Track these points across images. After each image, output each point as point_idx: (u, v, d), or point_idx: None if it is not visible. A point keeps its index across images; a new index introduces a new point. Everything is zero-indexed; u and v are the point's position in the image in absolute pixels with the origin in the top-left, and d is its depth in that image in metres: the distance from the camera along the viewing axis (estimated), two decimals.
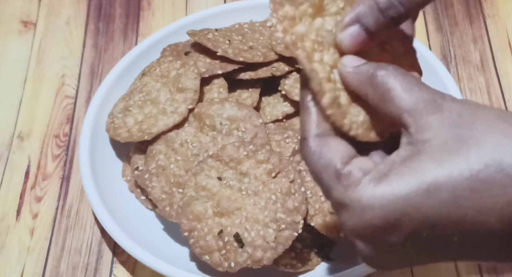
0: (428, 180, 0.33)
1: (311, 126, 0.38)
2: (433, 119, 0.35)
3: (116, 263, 0.65)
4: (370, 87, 0.37)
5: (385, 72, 0.37)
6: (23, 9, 0.85)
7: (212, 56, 0.68)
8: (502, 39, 0.79)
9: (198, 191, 0.60)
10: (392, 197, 0.34)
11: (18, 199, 0.70)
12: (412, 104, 0.36)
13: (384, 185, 0.34)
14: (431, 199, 0.33)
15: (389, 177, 0.34)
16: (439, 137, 0.34)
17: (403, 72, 0.37)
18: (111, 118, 0.68)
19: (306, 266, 0.61)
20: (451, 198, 0.33)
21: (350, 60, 0.39)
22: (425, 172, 0.34)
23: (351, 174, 0.36)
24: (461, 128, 0.34)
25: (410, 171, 0.34)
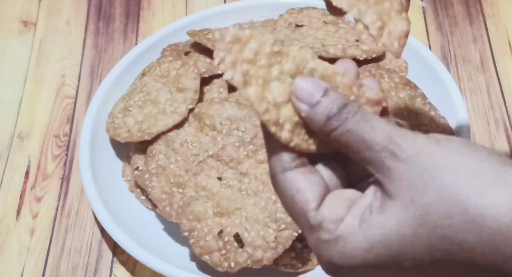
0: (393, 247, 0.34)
1: (278, 160, 0.37)
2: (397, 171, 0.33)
3: (116, 263, 0.65)
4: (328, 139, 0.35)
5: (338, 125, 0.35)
6: (23, 9, 0.85)
7: (212, 56, 0.68)
8: (502, 39, 0.79)
9: (198, 191, 0.60)
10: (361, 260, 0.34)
11: (18, 199, 0.70)
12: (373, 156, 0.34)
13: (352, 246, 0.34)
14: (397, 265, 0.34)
15: (358, 236, 0.34)
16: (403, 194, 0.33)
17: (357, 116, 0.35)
18: (111, 118, 0.68)
19: (306, 266, 0.61)
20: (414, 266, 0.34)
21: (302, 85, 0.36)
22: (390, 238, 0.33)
23: (321, 227, 0.35)
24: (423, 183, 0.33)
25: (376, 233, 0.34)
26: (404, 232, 0.33)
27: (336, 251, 0.35)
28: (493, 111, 0.73)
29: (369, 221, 0.34)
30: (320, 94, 0.35)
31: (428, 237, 0.33)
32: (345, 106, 0.35)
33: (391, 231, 0.33)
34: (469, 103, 0.74)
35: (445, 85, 0.68)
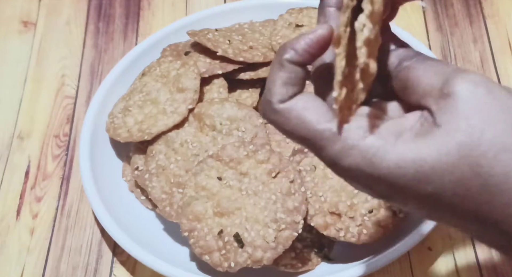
0: (423, 169, 0.34)
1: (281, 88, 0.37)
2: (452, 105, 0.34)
3: (116, 263, 0.65)
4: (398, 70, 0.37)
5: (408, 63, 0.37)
6: (23, 9, 0.85)
7: (212, 56, 0.68)
8: (502, 39, 0.79)
9: (198, 191, 0.60)
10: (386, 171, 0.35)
11: (18, 199, 0.70)
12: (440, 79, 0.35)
13: (382, 157, 0.35)
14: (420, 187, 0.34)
15: (390, 150, 0.34)
16: (453, 124, 0.34)
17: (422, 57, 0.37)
18: (111, 118, 0.68)
19: (306, 266, 0.61)
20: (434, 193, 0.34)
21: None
22: (424, 160, 0.34)
23: (350, 133, 0.35)
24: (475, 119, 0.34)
25: (411, 153, 0.34)
26: (440, 159, 0.34)
27: (364, 158, 0.35)
28: None
29: (408, 140, 0.35)
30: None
31: (463, 170, 0.33)
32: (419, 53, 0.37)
33: (427, 154, 0.34)
34: None
35: None
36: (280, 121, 0.37)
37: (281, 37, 0.69)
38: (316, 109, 0.36)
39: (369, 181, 0.35)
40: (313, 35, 0.37)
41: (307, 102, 0.37)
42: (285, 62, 0.37)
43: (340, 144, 0.35)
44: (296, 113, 0.36)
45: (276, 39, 0.69)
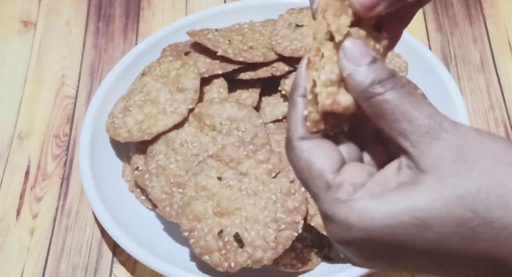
0: (418, 216, 0.33)
1: (298, 126, 0.37)
2: (435, 148, 0.34)
3: (116, 263, 0.65)
4: (365, 103, 0.35)
5: (382, 91, 0.34)
6: (23, 9, 0.85)
7: (212, 56, 0.68)
8: (502, 39, 0.79)
9: (198, 191, 0.60)
10: (379, 224, 0.34)
11: (18, 199, 0.70)
12: (412, 129, 0.34)
13: (372, 210, 0.34)
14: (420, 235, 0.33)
15: (380, 202, 0.34)
16: (438, 169, 0.33)
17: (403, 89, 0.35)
18: (111, 118, 0.68)
19: (306, 266, 0.61)
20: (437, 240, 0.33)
21: (352, 47, 0.35)
22: (417, 207, 0.33)
23: (341, 187, 0.35)
24: (460, 163, 0.33)
25: (402, 201, 0.33)
26: (434, 205, 0.33)
27: (354, 212, 0.34)
28: (493, 111, 0.73)
29: (396, 190, 0.34)
30: (369, 59, 0.35)
31: (461, 211, 0.33)
32: (392, 76, 0.35)
33: (420, 202, 0.33)
34: (469, 103, 0.74)
35: (445, 85, 0.68)
36: (293, 160, 0.37)
37: (281, 37, 0.69)
38: (325, 159, 0.36)
39: (360, 240, 0.34)
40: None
41: (320, 149, 0.36)
42: (298, 99, 0.37)
43: (332, 197, 0.35)
44: (307, 156, 0.36)
45: (276, 39, 0.69)
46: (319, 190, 0.35)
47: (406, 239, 0.34)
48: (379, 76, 0.35)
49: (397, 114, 0.34)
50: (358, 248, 0.35)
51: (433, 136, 0.34)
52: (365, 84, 0.35)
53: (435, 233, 0.33)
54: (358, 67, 0.35)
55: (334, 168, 0.36)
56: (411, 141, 0.34)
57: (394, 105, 0.34)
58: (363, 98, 0.35)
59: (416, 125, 0.34)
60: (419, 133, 0.34)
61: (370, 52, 0.35)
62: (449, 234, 0.33)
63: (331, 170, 0.35)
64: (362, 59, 0.35)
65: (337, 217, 0.34)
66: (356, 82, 0.35)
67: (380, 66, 0.35)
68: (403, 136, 0.34)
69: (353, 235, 0.34)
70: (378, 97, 0.35)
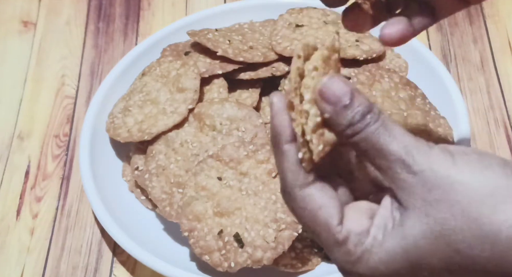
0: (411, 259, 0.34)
1: (294, 175, 0.36)
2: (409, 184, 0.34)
3: (116, 263, 0.65)
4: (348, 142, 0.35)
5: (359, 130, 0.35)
6: (23, 9, 0.85)
7: (212, 56, 0.68)
8: (502, 39, 0.79)
9: (198, 191, 0.60)
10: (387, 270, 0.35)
11: (18, 199, 0.70)
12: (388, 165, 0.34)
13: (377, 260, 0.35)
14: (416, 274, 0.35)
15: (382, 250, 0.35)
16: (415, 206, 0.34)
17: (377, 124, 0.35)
18: (111, 118, 0.68)
19: (306, 266, 0.61)
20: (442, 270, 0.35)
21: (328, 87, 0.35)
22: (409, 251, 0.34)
23: (348, 240, 0.35)
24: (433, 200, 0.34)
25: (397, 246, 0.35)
26: (420, 244, 0.34)
27: (364, 265, 0.35)
28: (493, 111, 0.73)
29: (391, 232, 0.35)
30: (347, 98, 0.35)
31: (443, 250, 0.34)
32: (369, 111, 0.35)
33: (408, 243, 0.34)
34: (469, 103, 0.74)
35: (445, 85, 0.68)
36: (296, 211, 0.37)
37: (281, 37, 0.69)
38: (328, 209, 0.36)
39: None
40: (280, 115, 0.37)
41: (321, 197, 0.36)
42: (285, 148, 0.36)
43: (342, 250, 0.36)
44: (310, 207, 0.36)
45: (276, 39, 0.69)
46: (328, 242, 0.36)
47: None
48: (356, 117, 0.35)
49: (375, 151, 0.35)
50: None
51: (407, 172, 0.34)
52: (344, 126, 0.35)
53: (427, 271, 0.35)
54: (336, 108, 0.35)
55: (338, 217, 0.36)
56: (389, 177, 0.35)
57: (370, 143, 0.35)
58: (345, 138, 0.35)
59: (392, 162, 0.34)
60: (395, 169, 0.34)
61: (346, 90, 0.35)
62: (439, 270, 0.34)
63: (336, 222, 0.36)
64: (339, 101, 0.35)
65: (350, 271, 0.36)
66: (336, 124, 0.35)
67: (358, 103, 0.35)
68: (383, 172, 0.35)
69: None
70: (356, 137, 0.35)
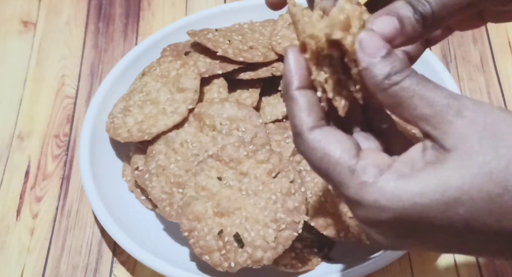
0: (450, 193, 0.33)
1: (303, 118, 0.37)
2: (458, 126, 0.34)
3: (116, 263, 0.65)
4: (382, 94, 0.36)
5: (399, 80, 0.35)
6: (23, 9, 0.85)
7: (212, 56, 0.68)
8: (502, 39, 0.79)
9: (198, 191, 0.60)
10: (411, 203, 0.34)
11: (18, 199, 0.70)
12: (432, 112, 0.34)
13: (403, 189, 0.34)
14: (451, 212, 0.33)
15: (410, 181, 0.34)
16: (464, 146, 0.34)
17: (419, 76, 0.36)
18: (111, 118, 0.68)
19: (306, 266, 0.60)
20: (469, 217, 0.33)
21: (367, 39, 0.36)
22: (448, 184, 0.33)
23: (365, 170, 0.35)
24: (486, 139, 0.33)
25: (432, 179, 0.34)
26: (464, 181, 0.33)
27: (385, 192, 0.34)
28: None
29: (424, 169, 0.34)
30: (384, 51, 0.36)
31: (491, 187, 0.33)
32: (407, 66, 0.36)
33: (449, 179, 0.33)
34: None
35: (445, 85, 0.68)
36: (307, 152, 0.37)
37: (281, 37, 0.69)
38: (341, 145, 0.36)
39: (392, 220, 0.34)
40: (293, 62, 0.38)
41: (333, 136, 0.36)
42: (295, 93, 0.37)
43: (358, 181, 0.35)
44: (322, 145, 0.36)
45: (276, 39, 0.69)
46: (341, 176, 0.35)
47: (438, 217, 0.34)
48: (395, 68, 0.35)
49: (416, 100, 0.35)
50: (389, 229, 0.35)
51: (454, 115, 0.34)
52: (382, 76, 0.35)
53: (467, 210, 0.33)
54: (374, 59, 0.36)
55: (352, 153, 0.36)
56: (432, 123, 0.34)
57: (411, 91, 0.35)
58: (380, 90, 0.36)
59: (436, 107, 0.34)
60: (440, 114, 0.34)
61: (384, 45, 0.36)
62: (481, 210, 0.33)
63: (350, 155, 0.36)
64: (377, 52, 0.36)
65: (366, 200, 0.35)
66: (373, 75, 0.36)
67: (395, 58, 0.36)
68: (424, 121, 0.35)
69: (385, 216, 0.34)
70: (395, 87, 0.35)
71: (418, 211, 0.34)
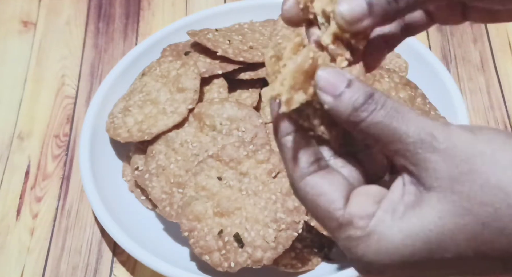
0: (432, 239, 0.33)
1: (294, 166, 0.36)
2: (432, 163, 0.33)
3: (116, 263, 0.65)
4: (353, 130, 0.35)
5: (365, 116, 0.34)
6: (23, 9, 0.85)
7: (212, 56, 0.68)
8: (502, 39, 0.79)
9: (198, 191, 0.60)
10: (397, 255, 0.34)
11: (18, 199, 0.70)
12: (406, 147, 0.33)
13: (387, 241, 0.34)
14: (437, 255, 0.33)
15: (392, 231, 0.34)
16: (440, 184, 0.33)
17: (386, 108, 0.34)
18: (111, 118, 0.68)
19: (306, 266, 0.60)
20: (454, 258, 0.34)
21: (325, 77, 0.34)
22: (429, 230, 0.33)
23: (351, 224, 0.34)
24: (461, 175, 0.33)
25: (413, 227, 0.33)
26: (444, 223, 0.33)
27: (370, 247, 0.34)
28: (493, 111, 0.73)
29: (404, 215, 0.34)
30: (344, 84, 0.34)
31: (470, 226, 0.33)
32: (371, 96, 0.34)
33: (429, 223, 0.33)
34: (469, 103, 0.74)
35: (445, 85, 0.68)
36: (301, 200, 0.37)
37: (281, 37, 0.69)
38: (330, 196, 0.35)
39: (382, 268, 0.35)
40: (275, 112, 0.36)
41: (323, 184, 0.36)
42: (282, 141, 0.36)
43: (345, 235, 0.35)
44: (311, 197, 0.36)
45: (276, 39, 0.69)
46: (332, 228, 0.35)
47: (424, 262, 0.34)
48: (358, 102, 0.34)
49: (387, 135, 0.34)
50: (380, 274, 0.35)
51: (428, 151, 0.33)
52: (347, 114, 0.34)
53: (451, 252, 0.33)
54: (335, 98, 0.34)
55: (341, 202, 0.35)
56: (407, 159, 0.34)
57: (381, 127, 0.34)
58: (350, 127, 0.35)
59: (409, 143, 0.33)
60: (414, 150, 0.33)
61: (342, 78, 0.34)
62: (465, 249, 0.33)
63: (338, 206, 0.35)
64: (336, 89, 0.34)
65: (354, 254, 0.35)
66: (339, 113, 0.34)
67: (356, 89, 0.34)
68: (400, 155, 0.34)
69: (374, 267, 0.35)
70: (362, 124, 0.34)
71: (405, 259, 0.34)
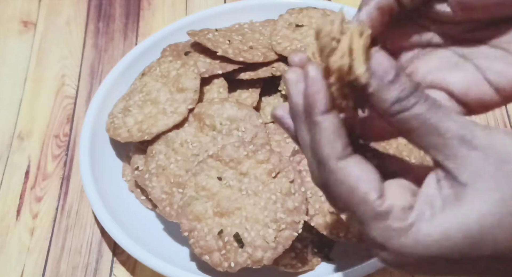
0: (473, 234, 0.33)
1: (331, 146, 0.35)
2: (472, 160, 0.33)
3: (116, 263, 0.65)
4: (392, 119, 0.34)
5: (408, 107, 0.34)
6: (23, 9, 0.85)
7: (212, 56, 0.68)
8: None
9: (198, 191, 0.60)
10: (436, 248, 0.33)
11: (18, 199, 0.70)
12: (444, 142, 0.33)
13: (427, 234, 0.33)
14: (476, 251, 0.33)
15: (432, 224, 0.33)
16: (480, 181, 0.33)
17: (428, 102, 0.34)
18: (111, 118, 0.68)
19: (306, 266, 0.61)
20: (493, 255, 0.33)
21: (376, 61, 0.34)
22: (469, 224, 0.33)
23: (391, 214, 0.34)
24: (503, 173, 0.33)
25: (453, 221, 0.33)
26: (486, 220, 0.33)
27: (408, 239, 0.34)
28: (493, 111, 0.73)
29: (444, 209, 0.33)
30: (393, 73, 0.34)
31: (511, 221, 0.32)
32: (416, 90, 0.34)
33: (470, 219, 0.33)
34: None
35: None
36: (332, 183, 0.35)
37: (281, 37, 0.69)
38: (368, 182, 0.35)
39: (418, 261, 0.34)
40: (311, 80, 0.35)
41: (361, 169, 0.35)
42: (319, 119, 0.35)
43: (382, 225, 0.34)
44: (350, 180, 0.35)
45: (276, 39, 0.69)
46: (366, 216, 0.34)
47: (462, 258, 0.33)
48: (403, 93, 0.34)
49: (426, 128, 0.34)
50: (413, 270, 0.35)
51: (467, 148, 0.33)
52: (390, 102, 0.34)
53: (490, 250, 0.33)
54: (382, 83, 0.34)
55: (378, 192, 0.34)
56: (445, 154, 0.34)
57: (421, 120, 0.34)
58: (389, 115, 0.34)
59: (448, 138, 0.33)
60: (452, 146, 0.33)
61: (393, 67, 0.34)
62: (504, 247, 0.33)
63: (376, 195, 0.34)
64: (385, 75, 0.34)
65: (390, 245, 0.34)
66: (381, 100, 0.34)
67: (404, 81, 0.34)
68: (436, 150, 0.34)
69: (410, 261, 0.34)
70: (404, 114, 0.34)
71: (444, 254, 0.33)
